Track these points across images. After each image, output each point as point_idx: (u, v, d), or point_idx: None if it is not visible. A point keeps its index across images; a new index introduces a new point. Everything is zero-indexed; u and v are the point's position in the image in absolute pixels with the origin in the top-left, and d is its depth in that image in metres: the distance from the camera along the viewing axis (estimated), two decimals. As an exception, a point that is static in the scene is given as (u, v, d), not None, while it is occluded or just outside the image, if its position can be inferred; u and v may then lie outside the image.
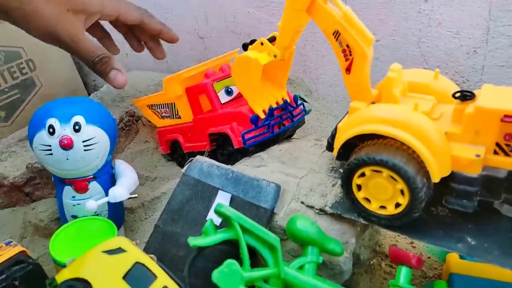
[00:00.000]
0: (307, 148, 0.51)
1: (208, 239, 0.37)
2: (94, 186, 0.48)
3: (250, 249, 0.38)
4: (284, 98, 0.52)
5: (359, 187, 0.38)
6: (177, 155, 0.65)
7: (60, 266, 0.42)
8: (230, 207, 0.37)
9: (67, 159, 0.44)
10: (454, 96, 0.37)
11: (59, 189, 0.49)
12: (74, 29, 0.55)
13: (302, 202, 0.43)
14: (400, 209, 0.36)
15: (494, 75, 0.60)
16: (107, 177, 0.50)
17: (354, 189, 0.38)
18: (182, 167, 0.57)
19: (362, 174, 0.37)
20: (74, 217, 0.49)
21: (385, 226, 0.38)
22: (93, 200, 0.46)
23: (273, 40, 0.48)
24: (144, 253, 0.36)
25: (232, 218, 0.37)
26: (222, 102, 0.55)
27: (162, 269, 0.36)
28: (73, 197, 0.48)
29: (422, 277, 0.50)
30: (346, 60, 0.41)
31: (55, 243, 0.44)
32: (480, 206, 0.36)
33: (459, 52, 0.61)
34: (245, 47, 0.49)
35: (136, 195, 0.55)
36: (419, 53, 0.64)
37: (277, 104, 0.51)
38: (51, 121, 0.44)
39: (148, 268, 0.34)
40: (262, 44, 0.47)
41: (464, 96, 0.36)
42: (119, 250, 0.36)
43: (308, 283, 0.37)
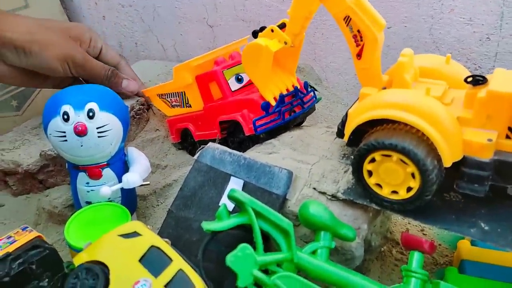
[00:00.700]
0: (318, 135, 0.51)
1: (221, 223, 0.37)
2: (107, 172, 0.49)
3: (263, 234, 0.38)
4: (294, 85, 0.52)
5: (370, 173, 0.38)
6: (188, 144, 0.65)
7: (75, 250, 0.42)
8: (244, 192, 0.37)
9: (81, 145, 0.45)
10: (466, 80, 0.37)
11: (73, 175, 0.49)
12: (82, 51, 0.61)
13: (314, 188, 0.43)
14: (411, 193, 0.36)
15: (507, 61, 0.59)
16: (120, 164, 0.50)
17: (365, 175, 0.38)
18: (193, 155, 0.58)
19: (373, 160, 0.37)
20: (88, 203, 0.49)
21: (397, 211, 0.38)
22: (107, 186, 0.47)
23: (283, 27, 0.48)
24: (159, 237, 0.37)
25: (245, 203, 0.37)
26: (233, 89, 0.55)
27: (177, 252, 0.37)
28: (87, 183, 0.49)
29: (433, 264, 0.50)
30: (357, 45, 0.41)
31: (70, 228, 0.44)
32: (493, 192, 0.36)
33: (471, 39, 0.60)
34: (255, 35, 0.49)
35: (148, 182, 0.56)
36: (431, 40, 0.63)
37: (288, 91, 0.51)
38: (66, 107, 0.45)
39: (163, 251, 0.35)
40: (272, 31, 0.47)
41: (476, 81, 0.36)
42: (135, 234, 0.36)
43: (320, 267, 0.37)
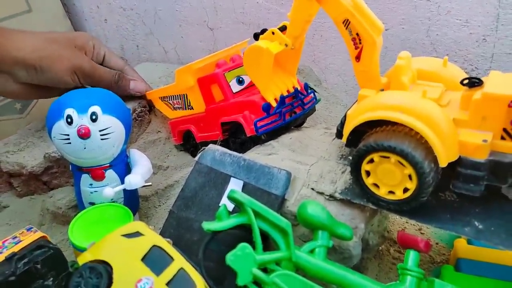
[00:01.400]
0: (317, 137, 0.52)
1: (221, 223, 0.38)
2: (110, 174, 0.50)
3: (262, 234, 0.39)
4: (295, 86, 0.53)
5: (368, 173, 0.39)
6: (190, 145, 0.66)
7: (79, 250, 0.43)
8: (243, 193, 0.38)
9: (85, 148, 0.46)
10: (462, 82, 0.38)
11: (77, 177, 0.51)
12: (89, 60, 0.62)
13: (313, 189, 0.44)
14: (408, 194, 0.37)
15: (503, 63, 0.60)
16: (123, 166, 0.51)
17: (363, 175, 0.39)
18: (194, 156, 0.59)
19: (371, 161, 0.38)
20: (92, 204, 0.50)
21: (394, 210, 0.39)
22: (110, 187, 0.48)
23: (283, 30, 0.48)
24: (160, 237, 0.38)
25: (245, 203, 0.38)
26: (234, 91, 0.55)
27: (178, 252, 0.38)
28: (91, 184, 0.50)
29: (430, 262, 0.51)
30: (356, 48, 0.41)
31: (74, 228, 0.45)
32: (488, 191, 0.37)
33: (468, 40, 0.61)
34: (256, 37, 0.50)
35: (150, 183, 0.57)
36: (428, 42, 0.64)
37: (288, 92, 0.52)
38: (69, 111, 0.46)
39: (165, 251, 0.36)
40: (273, 33, 0.48)
41: (472, 83, 0.37)
42: (137, 234, 0.37)
43: (318, 266, 0.38)
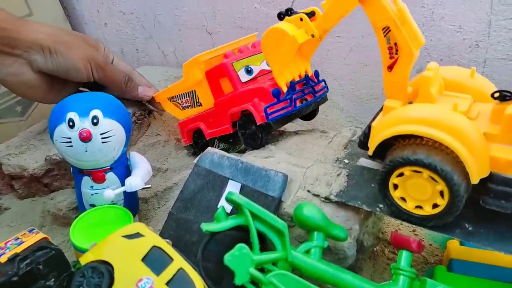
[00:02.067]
0: (313, 140, 0.53)
1: (220, 224, 0.39)
2: (111, 176, 0.51)
3: (259, 235, 0.40)
4: (307, 71, 0.51)
5: (396, 186, 0.38)
6: (199, 146, 0.65)
7: (80, 251, 0.44)
8: (241, 195, 0.39)
9: (86, 150, 0.47)
10: (493, 96, 0.37)
11: (78, 179, 0.51)
12: (101, 55, 0.63)
13: (309, 191, 0.45)
14: (437, 210, 0.36)
15: (496, 68, 0.61)
16: (123, 168, 0.52)
17: (390, 188, 0.38)
18: None
19: (401, 174, 0.37)
20: (92, 206, 0.51)
21: (418, 225, 0.39)
22: (111, 190, 0.49)
23: (312, 15, 0.45)
24: (160, 238, 0.39)
25: (242, 205, 0.39)
26: (243, 81, 0.54)
27: (177, 253, 0.39)
28: (91, 187, 0.51)
29: (424, 263, 0.52)
30: (391, 58, 0.39)
31: (75, 230, 0.46)
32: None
33: (461, 46, 0.62)
34: (280, 17, 0.46)
35: (149, 185, 0.58)
36: (423, 47, 0.65)
37: (300, 77, 0.51)
38: (71, 115, 0.47)
39: (165, 251, 0.37)
40: (301, 19, 0.44)
41: (503, 96, 0.36)
42: (138, 235, 0.38)
43: (314, 266, 0.39)
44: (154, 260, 0.36)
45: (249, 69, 0.55)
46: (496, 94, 0.36)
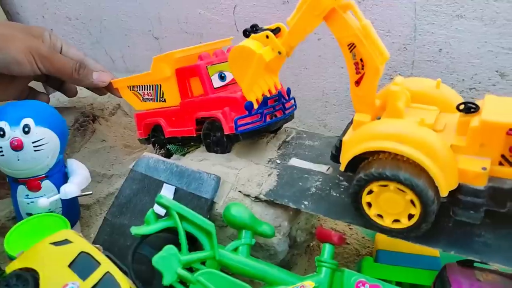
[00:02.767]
0: (249, 144, 0.55)
1: (148, 227, 0.40)
2: (47, 184, 0.51)
3: (192, 236, 0.41)
4: (277, 86, 0.51)
5: (369, 204, 0.39)
6: (158, 142, 0.62)
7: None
8: (169, 198, 0.41)
9: (18, 159, 0.47)
10: (458, 108, 0.37)
11: (13, 188, 0.51)
12: (46, 45, 0.60)
13: (240, 191, 0.47)
14: (414, 220, 0.37)
15: (423, 69, 0.65)
16: (60, 176, 0.52)
17: (365, 207, 0.39)
18: (165, 155, 0.58)
19: (370, 192, 0.38)
20: (29, 214, 0.51)
21: (400, 237, 0.39)
22: (45, 198, 0.49)
23: (277, 32, 0.45)
24: (89, 243, 0.39)
25: (170, 207, 0.40)
26: (215, 86, 0.53)
27: (109, 257, 0.39)
28: (27, 195, 0.50)
29: (356, 255, 0.55)
30: (357, 73, 0.40)
31: (10, 239, 0.46)
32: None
33: (391, 49, 0.66)
34: (246, 34, 0.46)
35: (90, 192, 0.58)
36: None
37: (270, 92, 0.50)
38: (1, 124, 0.46)
39: (92, 256, 0.38)
40: (267, 37, 0.44)
41: (468, 109, 0.37)
42: (66, 242, 0.39)
43: (241, 263, 0.41)
44: (81, 266, 0.37)
45: (223, 75, 0.54)
46: (461, 106, 0.37)
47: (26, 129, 0.47)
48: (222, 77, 0.54)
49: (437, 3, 0.60)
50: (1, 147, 0.47)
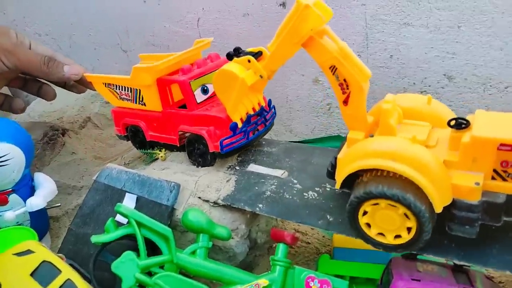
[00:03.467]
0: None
1: (108, 236, 0.42)
2: (14, 198, 0.52)
3: (152, 242, 0.44)
4: (260, 103, 0.52)
5: (368, 225, 0.39)
6: (136, 140, 0.61)
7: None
8: (127, 207, 0.43)
9: (-17, 175, 0.48)
10: (449, 124, 0.38)
11: (-20, 203, 0.53)
12: (12, 41, 0.60)
13: (199, 197, 0.49)
14: (412, 233, 0.37)
15: (376, 75, 0.69)
16: (27, 189, 0.54)
17: (364, 229, 0.39)
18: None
19: (365, 213, 0.38)
20: (-3, 228, 0.53)
21: (403, 251, 0.39)
22: (12, 211, 0.50)
23: (259, 55, 0.47)
24: (52, 252, 0.41)
25: (128, 215, 0.42)
26: (198, 101, 0.53)
27: (72, 266, 0.41)
28: (-6, 210, 0.52)
29: (316, 253, 0.58)
30: (344, 93, 0.41)
31: (-23, 253, 0.48)
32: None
33: (347, 56, 0.70)
34: (229, 57, 0.48)
35: (59, 204, 0.60)
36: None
37: (254, 110, 0.51)
38: (-34, 141, 0.48)
39: (54, 265, 0.40)
40: (249, 61, 0.46)
41: (459, 124, 0.38)
42: (28, 252, 0.41)
43: (198, 265, 0.43)
44: (43, 274, 0.39)
45: (205, 88, 0.54)
46: (452, 122, 0.38)
47: (-10, 146, 0.48)
48: (204, 90, 0.54)
49: (385, 12, 0.64)
50: (-34, 164, 0.48)
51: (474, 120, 0.37)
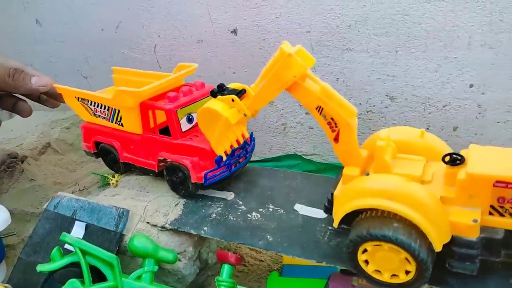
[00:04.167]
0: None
1: (53, 264, 0.44)
2: (-35, 229, 0.53)
3: (98, 270, 0.45)
4: (244, 134, 0.54)
5: (367, 261, 0.39)
6: (110, 160, 0.60)
7: None
8: (72, 236, 0.45)
9: None
10: (444, 160, 0.39)
11: None
12: None
13: (148, 222, 0.51)
14: (410, 276, 0.37)
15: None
16: (-21, 220, 0.54)
17: (362, 265, 0.39)
18: (112, 168, 0.59)
19: (365, 250, 0.38)
20: None
21: None
22: (-38, 243, 0.51)
23: (243, 93, 0.47)
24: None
25: (73, 244, 0.44)
26: (183, 130, 0.53)
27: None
28: None
29: (268, 270, 0.60)
30: (333, 131, 0.41)
31: None
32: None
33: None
34: (213, 94, 0.48)
35: (14, 232, 0.61)
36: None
37: (238, 143, 0.53)
38: None
39: (-2, 295, 0.41)
40: (233, 100, 0.46)
41: (454, 160, 0.38)
42: (-27, 284, 0.42)
43: (143, 289, 0.45)
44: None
45: (190, 117, 0.54)
46: (447, 158, 0.38)
47: None
48: (190, 119, 0.54)
49: (329, 39, 0.68)
50: None
51: (469, 155, 0.37)
